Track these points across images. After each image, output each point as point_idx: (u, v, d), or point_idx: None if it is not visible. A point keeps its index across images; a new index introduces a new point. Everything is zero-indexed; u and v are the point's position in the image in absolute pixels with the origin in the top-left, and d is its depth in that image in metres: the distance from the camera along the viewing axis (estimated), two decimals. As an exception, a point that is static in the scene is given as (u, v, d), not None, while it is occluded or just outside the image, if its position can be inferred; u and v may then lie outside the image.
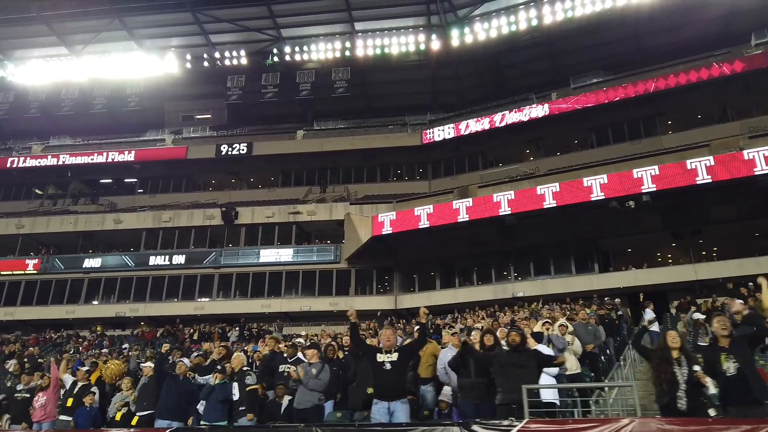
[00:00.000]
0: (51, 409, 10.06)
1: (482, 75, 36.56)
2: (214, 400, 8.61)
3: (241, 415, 8.45)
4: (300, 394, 8.32)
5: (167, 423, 8.48)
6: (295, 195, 33.46)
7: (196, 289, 30.32)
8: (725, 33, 30.08)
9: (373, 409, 6.86)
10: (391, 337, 7.30)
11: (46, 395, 10.19)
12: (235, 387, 8.64)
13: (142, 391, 9.51)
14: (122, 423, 9.38)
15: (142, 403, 9.32)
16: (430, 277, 28.85)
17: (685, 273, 22.85)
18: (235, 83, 37.36)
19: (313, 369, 8.45)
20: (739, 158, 20.46)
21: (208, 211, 31.90)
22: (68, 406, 9.93)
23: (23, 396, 10.97)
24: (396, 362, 6.96)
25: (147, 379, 9.61)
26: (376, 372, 7.08)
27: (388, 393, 6.82)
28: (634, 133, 29.62)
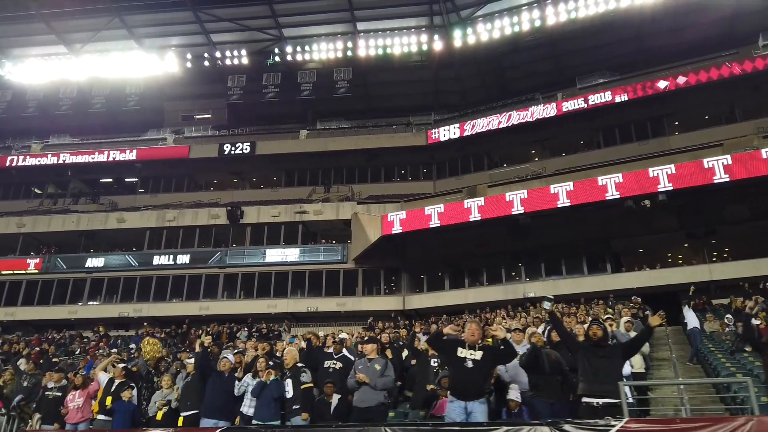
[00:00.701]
0: (87, 410, 9.77)
1: (485, 76, 36.57)
2: (267, 397, 8.19)
3: (294, 414, 8.07)
4: (363, 392, 7.86)
5: (213, 422, 8.19)
6: (299, 195, 33.31)
7: (200, 289, 29.99)
8: (728, 34, 30.16)
9: (448, 408, 6.54)
10: (476, 332, 6.81)
11: (82, 396, 9.89)
12: (288, 384, 8.29)
13: (186, 388, 9.12)
14: (164, 423, 8.94)
15: (186, 401, 8.91)
16: (439, 278, 28.73)
17: (700, 273, 22.80)
18: (236, 83, 37.19)
19: (375, 365, 8.02)
20: (757, 157, 20.56)
21: (213, 210, 31.61)
22: (107, 405, 9.43)
23: (55, 395, 10.57)
24: (479, 362, 6.52)
25: (190, 376, 9.29)
26: (455, 368, 6.66)
27: (467, 392, 6.42)
28: (641, 134, 29.73)
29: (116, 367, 10.16)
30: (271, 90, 37.03)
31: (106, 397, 9.50)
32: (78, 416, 9.69)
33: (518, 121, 30.79)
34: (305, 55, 36.08)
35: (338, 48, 35.58)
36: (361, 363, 8.11)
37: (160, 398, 9.31)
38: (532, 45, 34.13)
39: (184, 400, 8.96)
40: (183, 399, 9.03)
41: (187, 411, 8.78)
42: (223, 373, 8.84)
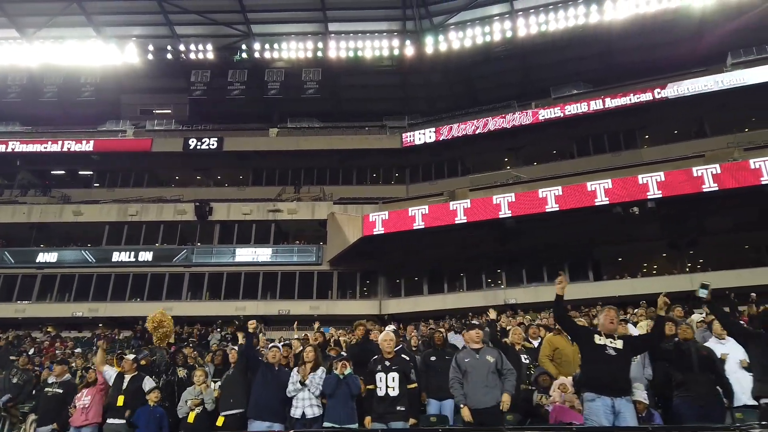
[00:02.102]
0: (95, 413, 8.25)
1: (454, 84, 36.54)
2: (344, 395, 6.98)
3: (397, 417, 6.78)
4: (475, 391, 6.53)
5: (267, 426, 7.15)
6: (267, 194, 32.03)
7: (163, 289, 28.40)
8: (694, 53, 31.14)
9: (590, 407, 5.55)
10: (615, 320, 6.03)
11: (90, 394, 8.39)
12: (395, 378, 6.97)
13: (228, 383, 7.95)
14: (197, 426, 7.68)
15: (228, 398, 7.74)
16: (417, 282, 28.21)
17: (682, 282, 22.94)
18: (200, 78, 35.92)
19: (487, 356, 6.64)
20: (744, 167, 21.14)
21: (180, 206, 30.09)
22: (119, 405, 7.99)
23: (55, 392, 8.94)
24: (622, 350, 5.72)
25: (231, 370, 8.17)
26: (595, 357, 5.76)
27: (615, 386, 5.53)
28: (614, 145, 30.25)
29: (125, 359, 8.69)
30: (236, 87, 35.93)
31: (116, 396, 8.11)
32: (82, 418, 8.16)
33: (494, 128, 30.87)
34: (274, 53, 35.27)
35: (308, 48, 34.96)
36: (467, 355, 6.80)
37: (192, 396, 8.00)
38: (503, 56, 34.39)
39: (226, 396, 7.81)
40: (224, 396, 7.88)
41: (229, 410, 7.63)
42: (273, 366, 7.74)
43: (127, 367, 8.45)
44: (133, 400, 7.99)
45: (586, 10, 31.51)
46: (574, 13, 31.70)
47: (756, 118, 28.54)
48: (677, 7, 30.34)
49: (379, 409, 6.83)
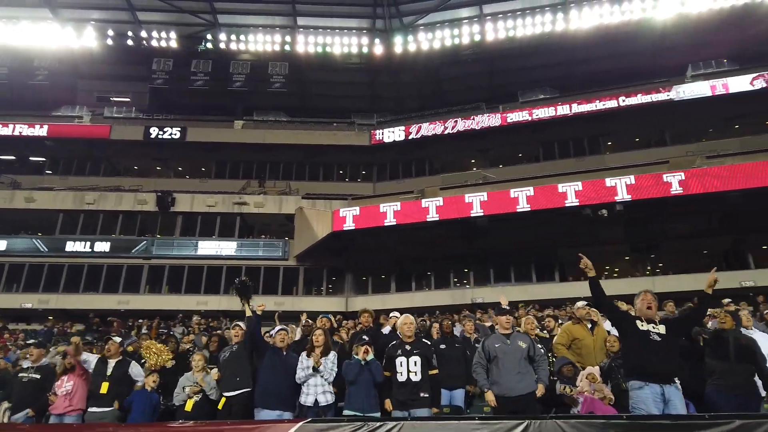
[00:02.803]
0: (79, 399, 7.55)
1: (422, 85, 36.55)
2: (367, 381, 6.59)
3: (420, 404, 6.43)
4: (507, 377, 6.18)
5: (277, 414, 6.58)
6: (230, 188, 31.15)
7: (120, 281, 27.18)
8: (653, 64, 31.94)
9: (638, 395, 5.30)
10: (653, 303, 5.81)
11: (72, 380, 7.69)
12: (417, 363, 6.65)
13: (231, 363, 7.28)
14: (196, 414, 6.95)
15: (233, 377, 7.10)
16: (384, 280, 27.92)
17: (644, 285, 23.45)
18: (162, 66, 34.89)
19: (519, 342, 6.38)
20: (711, 173, 21.75)
21: (140, 196, 28.90)
22: (103, 393, 7.33)
23: (31, 378, 8.15)
24: (666, 336, 5.52)
25: (230, 352, 7.47)
26: (639, 343, 5.54)
27: (662, 373, 5.32)
28: (579, 150, 30.83)
29: (111, 341, 7.97)
30: (200, 78, 35.07)
31: (99, 382, 7.42)
32: (65, 405, 7.49)
33: (464, 129, 30.96)
34: (240, 44, 34.60)
35: (276, 41, 34.47)
36: (497, 340, 6.44)
37: (190, 383, 7.32)
38: (470, 59, 34.59)
39: (230, 376, 7.14)
40: (228, 374, 7.20)
41: (235, 389, 7.01)
42: (281, 351, 7.24)
43: (113, 351, 7.80)
44: (119, 387, 7.39)
45: (553, 18, 32.15)
46: (541, 20, 32.23)
47: (713, 129, 29.62)
48: (639, 20, 31.23)
49: (401, 396, 6.46)
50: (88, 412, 7.33)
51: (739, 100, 28.16)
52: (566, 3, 32.07)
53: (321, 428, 5.37)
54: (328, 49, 34.30)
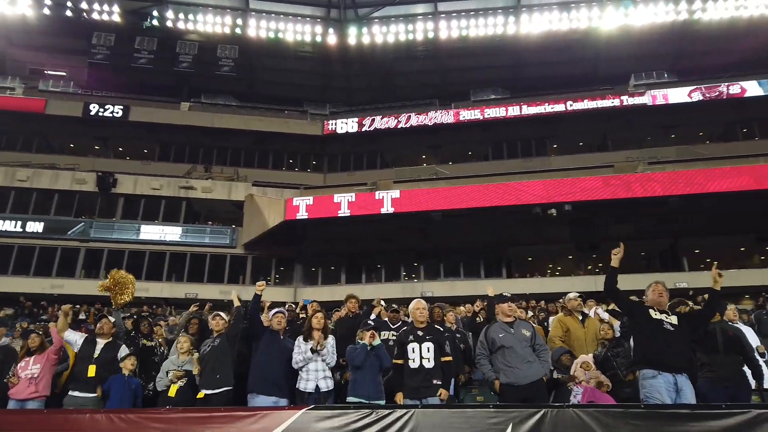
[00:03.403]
0: (45, 384, 7.05)
1: (373, 79, 36.31)
2: (373, 367, 6.29)
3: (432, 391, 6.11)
4: (517, 366, 6.06)
5: (273, 401, 6.27)
6: (175, 171, 29.88)
7: (54, 263, 25.68)
8: (593, 73, 33.28)
9: (651, 384, 5.29)
10: (665, 293, 5.88)
11: (39, 362, 7.11)
12: (429, 349, 6.34)
13: (213, 356, 6.68)
14: (181, 400, 6.47)
15: (213, 374, 6.51)
16: (334, 272, 27.65)
17: (587, 283, 24.30)
18: (103, 41, 33.10)
19: (523, 330, 6.29)
20: (654, 179, 22.74)
21: (79, 174, 27.35)
22: (90, 376, 6.76)
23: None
24: (678, 326, 5.57)
25: (219, 340, 6.83)
26: (653, 332, 5.55)
27: (676, 362, 5.34)
28: (526, 151, 31.54)
29: (105, 319, 7.39)
30: (143, 56, 33.50)
31: (86, 365, 6.83)
32: (30, 390, 6.92)
33: (417, 124, 31.02)
34: (188, 24, 33.28)
35: (226, 23, 33.43)
36: (500, 329, 6.31)
37: (175, 367, 6.84)
38: (423, 55, 34.72)
39: (210, 371, 6.56)
40: (208, 370, 6.59)
41: (215, 388, 6.47)
42: (279, 335, 6.87)
43: (106, 330, 7.21)
44: (106, 372, 6.80)
45: (505, 21, 32.59)
46: (493, 21, 32.63)
47: (651, 137, 30.94)
48: (587, 28, 32.09)
49: (413, 383, 6.16)
50: (69, 396, 6.69)
51: (676, 110, 29.67)
52: (518, 7, 32.57)
53: (325, 415, 5.11)
54: (281, 36, 33.50)
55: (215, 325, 7.05)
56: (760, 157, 23.89)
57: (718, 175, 22.35)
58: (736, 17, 30.33)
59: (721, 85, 28.73)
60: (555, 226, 25.29)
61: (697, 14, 30.75)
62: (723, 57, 30.89)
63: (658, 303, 5.79)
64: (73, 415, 5.75)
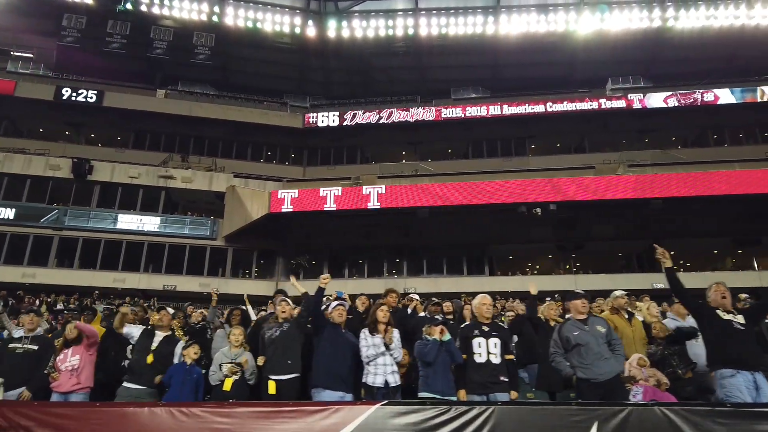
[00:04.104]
0: (88, 375, 6.71)
1: (352, 73, 36.08)
2: (445, 363, 6.06)
3: (499, 388, 5.98)
4: (596, 362, 5.94)
5: (339, 395, 5.98)
6: (150, 160, 29.03)
7: (26, 252, 24.67)
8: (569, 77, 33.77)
9: (731, 383, 5.31)
10: (727, 293, 5.88)
11: (77, 353, 6.77)
12: (496, 345, 6.23)
13: (281, 343, 6.50)
14: (236, 394, 6.24)
15: (284, 359, 6.36)
16: (316, 266, 27.30)
17: (568, 282, 24.77)
18: (73, 23, 32.05)
19: (597, 326, 6.18)
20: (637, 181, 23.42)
21: (53, 160, 26.30)
22: (149, 363, 6.63)
23: (28, 348, 6.92)
24: (746, 325, 5.61)
25: (288, 326, 6.66)
26: (724, 332, 5.61)
27: (752, 360, 5.34)
28: (506, 151, 31.92)
29: (164, 311, 7.18)
30: (116, 40, 32.51)
31: (144, 356, 6.63)
32: (72, 382, 6.58)
33: (398, 120, 31.04)
34: (163, 9, 32.57)
35: (203, 10, 32.84)
36: (575, 327, 6.21)
37: (228, 360, 6.58)
38: (402, 52, 34.69)
39: (280, 358, 6.40)
40: (277, 355, 6.43)
41: (284, 373, 6.28)
42: (340, 328, 6.61)
43: (166, 322, 7.01)
44: (162, 365, 6.59)
45: (484, 20, 32.89)
46: (473, 21, 32.89)
47: (626, 140, 31.72)
48: (564, 31, 32.64)
49: (479, 378, 6.00)
50: (123, 386, 6.48)
51: (651, 115, 30.53)
52: (497, 7, 32.91)
53: (400, 411, 4.92)
54: (259, 25, 33.06)
55: (282, 311, 6.88)
56: (735, 163, 24.75)
57: (697, 179, 23.06)
58: (707, 26, 31.36)
59: (696, 92, 29.69)
60: (537, 225, 25.61)
61: (670, 22, 31.65)
62: (694, 65, 32.06)
63: (722, 304, 5.84)
64: (130, 408, 5.46)
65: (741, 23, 31.00)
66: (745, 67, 31.31)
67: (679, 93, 29.93)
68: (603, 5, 32.20)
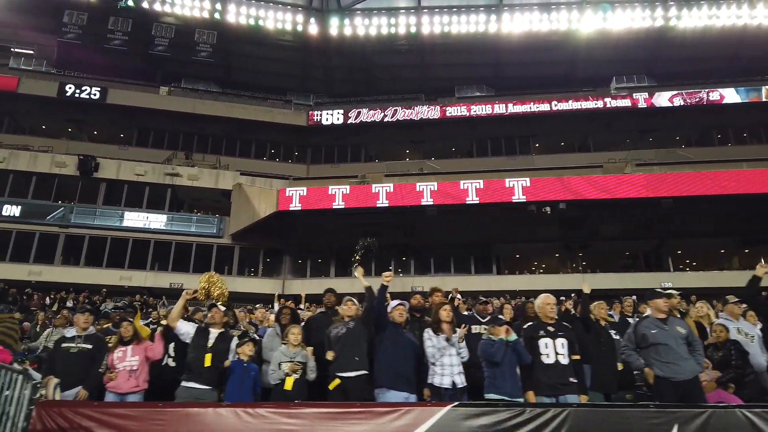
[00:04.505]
0: (145, 377, 6.69)
1: (354, 71, 36.01)
2: (512, 363, 5.94)
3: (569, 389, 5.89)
4: (675, 362, 5.87)
5: (404, 396, 5.86)
6: (153, 158, 28.93)
7: (32, 249, 24.49)
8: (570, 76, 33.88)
9: None
10: None
11: (137, 354, 6.71)
12: (563, 345, 6.14)
13: (348, 341, 6.43)
14: (296, 394, 6.16)
15: (351, 356, 6.27)
16: (322, 264, 27.37)
17: (576, 281, 24.82)
18: (75, 20, 31.97)
19: (678, 327, 6.09)
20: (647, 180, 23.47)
21: (59, 158, 26.09)
22: (207, 366, 6.39)
23: (83, 348, 6.76)
24: None
25: (353, 323, 6.61)
26: None
27: None
28: (510, 149, 31.95)
29: (216, 308, 7.00)
30: (117, 37, 32.47)
31: (201, 355, 6.45)
32: (131, 383, 6.53)
33: (403, 118, 31.02)
34: (165, 6, 32.57)
35: (205, 7, 32.81)
36: (653, 325, 6.09)
37: (287, 358, 6.48)
38: (404, 50, 34.73)
39: (348, 355, 6.30)
40: (345, 352, 6.34)
41: (352, 370, 6.19)
42: (401, 327, 6.44)
43: (218, 320, 6.84)
44: (220, 362, 6.47)
45: (487, 19, 32.97)
46: (475, 19, 32.98)
47: (630, 139, 31.83)
48: (566, 30, 32.77)
49: (548, 379, 5.89)
50: (182, 387, 6.31)
51: (655, 114, 30.58)
52: (500, 6, 33.00)
53: (473, 413, 4.91)
54: (261, 23, 33.07)
55: (347, 309, 6.84)
56: (743, 162, 24.89)
57: (707, 178, 23.13)
58: (709, 26, 31.57)
59: (702, 91, 29.76)
60: (544, 224, 25.68)
61: (673, 21, 31.85)
62: (696, 64, 32.29)
63: None
64: (194, 409, 5.44)
65: (743, 23, 31.26)
66: (747, 67, 31.55)
67: (684, 92, 29.99)
68: (605, 4, 32.36)
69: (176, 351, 7.10)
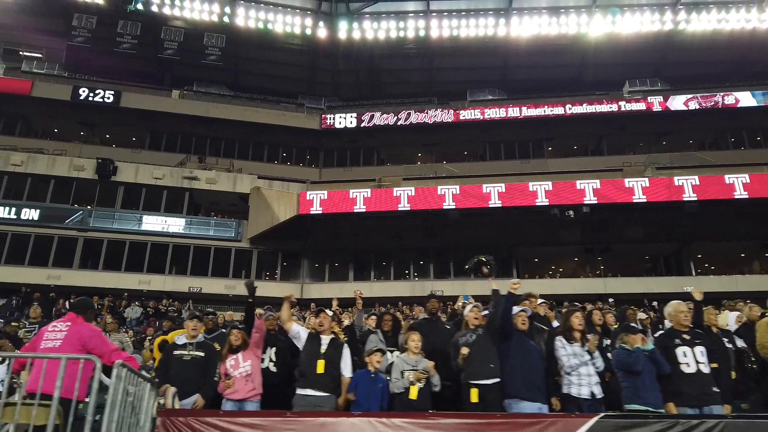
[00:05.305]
0: (260, 382, 6.53)
1: (361, 75, 36.08)
2: (652, 373, 5.80)
3: None
4: None
5: (538, 407, 5.81)
6: (166, 161, 28.70)
7: (51, 253, 24.32)
8: (577, 79, 34.16)
9: None
10: None
11: (249, 359, 6.59)
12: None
13: (481, 346, 6.22)
14: (421, 404, 5.95)
15: (486, 363, 6.07)
16: (340, 268, 27.31)
17: (596, 285, 24.95)
18: (84, 23, 31.88)
19: None
20: (670, 183, 23.53)
21: (77, 161, 25.95)
22: (320, 372, 6.23)
23: (196, 355, 6.66)
24: None
25: (482, 330, 6.41)
26: None
27: None
28: (524, 153, 32.04)
29: (324, 313, 6.75)
30: (127, 41, 32.38)
31: (314, 361, 6.29)
32: (248, 388, 6.39)
33: (416, 121, 31.03)
34: (174, 10, 32.52)
35: (213, 11, 32.78)
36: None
37: (409, 367, 6.23)
38: (413, 53, 34.85)
39: (482, 362, 6.11)
40: (479, 360, 6.13)
41: (488, 378, 6.01)
42: (525, 335, 6.31)
43: (327, 325, 6.63)
44: (333, 369, 6.33)
45: (496, 22, 33.10)
46: (484, 23, 33.10)
47: (643, 143, 32.05)
48: (575, 34, 32.96)
49: (692, 390, 5.69)
50: (298, 394, 6.20)
51: (669, 117, 30.60)
52: (509, 9, 33.17)
53: (623, 424, 4.75)
54: (270, 26, 33.07)
55: (473, 317, 6.61)
56: (765, 166, 25.01)
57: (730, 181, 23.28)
58: (718, 30, 31.86)
59: (717, 94, 29.83)
60: (564, 227, 25.69)
61: (682, 25, 32.09)
62: (706, 68, 32.60)
63: None
64: (329, 418, 5.31)
65: (752, 26, 31.50)
66: (757, 70, 31.81)
67: (699, 96, 30.04)
68: (615, 8, 32.59)
69: (277, 355, 7.05)
